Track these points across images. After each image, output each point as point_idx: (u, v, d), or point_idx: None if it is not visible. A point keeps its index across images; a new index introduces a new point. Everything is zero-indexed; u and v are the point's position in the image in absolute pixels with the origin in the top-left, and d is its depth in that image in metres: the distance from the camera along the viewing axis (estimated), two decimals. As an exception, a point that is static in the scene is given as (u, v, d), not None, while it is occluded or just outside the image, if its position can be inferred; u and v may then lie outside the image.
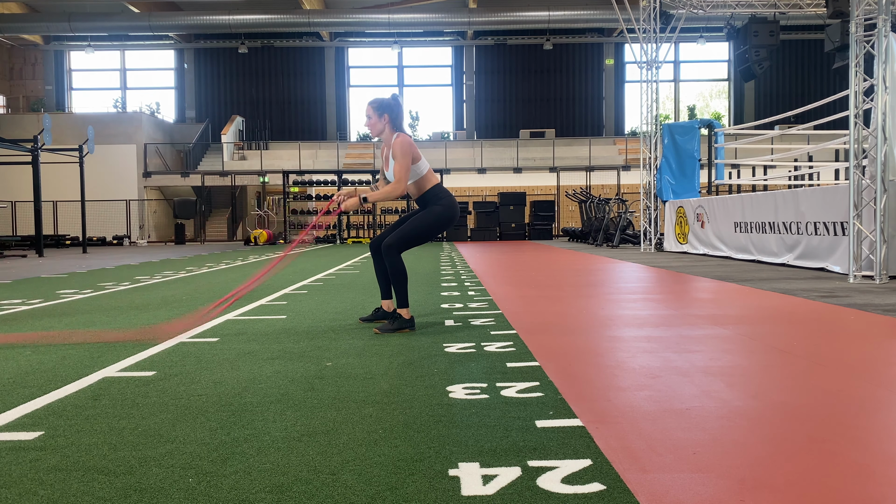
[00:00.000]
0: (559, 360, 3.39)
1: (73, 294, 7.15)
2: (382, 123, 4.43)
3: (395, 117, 4.44)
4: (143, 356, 3.67)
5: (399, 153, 4.31)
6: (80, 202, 19.37)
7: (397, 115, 4.45)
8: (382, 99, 4.48)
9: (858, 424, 2.31)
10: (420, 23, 29.63)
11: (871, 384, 2.86)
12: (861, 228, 7.36)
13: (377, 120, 4.43)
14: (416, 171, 4.45)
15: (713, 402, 2.60)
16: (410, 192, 4.58)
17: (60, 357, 3.68)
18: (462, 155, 29.99)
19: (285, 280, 8.45)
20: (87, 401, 2.76)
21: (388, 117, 4.42)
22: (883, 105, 7.32)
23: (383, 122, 4.43)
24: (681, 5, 17.33)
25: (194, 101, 33.81)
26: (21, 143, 17.66)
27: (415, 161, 4.41)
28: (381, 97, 4.51)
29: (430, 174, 4.53)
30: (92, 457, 2.08)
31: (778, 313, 4.98)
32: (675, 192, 14.46)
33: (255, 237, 23.72)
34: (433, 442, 2.18)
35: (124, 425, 2.41)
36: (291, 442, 2.20)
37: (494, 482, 1.84)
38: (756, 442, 2.14)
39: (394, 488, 1.80)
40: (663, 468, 1.92)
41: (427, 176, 4.50)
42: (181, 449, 2.14)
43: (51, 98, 33.43)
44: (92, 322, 5.01)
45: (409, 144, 4.34)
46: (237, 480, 1.87)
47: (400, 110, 4.48)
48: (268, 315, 5.27)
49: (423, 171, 4.48)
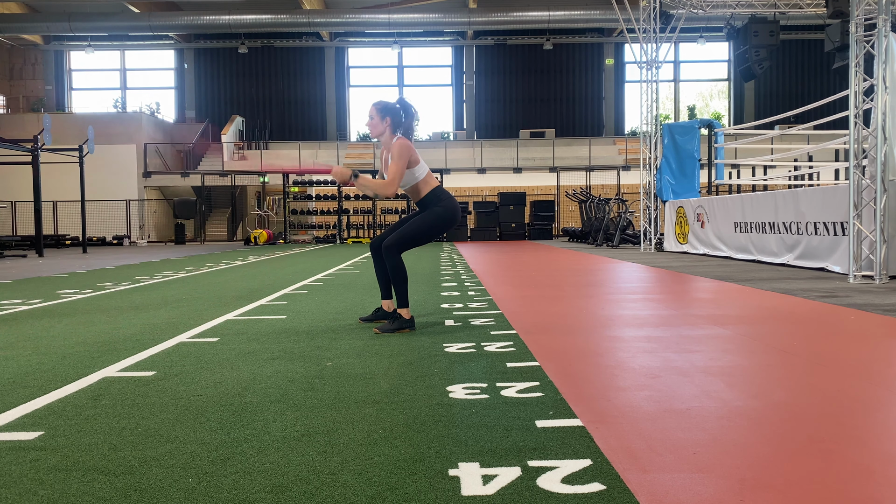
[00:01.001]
0: (559, 360, 3.39)
1: (74, 294, 7.14)
2: (383, 126, 4.44)
3: (397, 121, 4.45)
4: (144, 356, 3.67)
5: (396, 154, 4.33)
6: (80, 202, 19.38)
7: (399, 120, 4.46)
8: (387, 102, 4.50)
9: (859, 424, 2.31)
10: (420, 23, 29.63)
11: (872, 384, 2.86)
12: (861, 228, 7.36)
13: (379, 121, 4.43)
14: (413, 175, 4.44)
15: (713, 402, 2.60)
16: (410, 196, 4.58)
17: (60, 357, 3.68)
18: (462, 155, 30.00)
19: (285, 280, 8.45)
20: (87, 401, 2.76)
21: (390, 120, 4.43)
22: (883, 105, 7.32)
23: (384, 124, 4.43)
24: (681, 5, 17.33)
25: (194, 101, 33.81)
26: (21, 143, 17.67)
27: (412, 164, 4.42)
28: (386, 100, 4.51)
29: (429, 177, 4.52)
30: (92, 457, 2.08)
31: (778, 313, 4.98)
32: (675, 191, 14.46)
33: (255, 237, 23.72)
34: (433, 442, 2.18)
35: (124, 425, 2.41)
36: (291, 442, 2.20)
37: (494, 482, 1.84)
38: (756, 442, 2.14)
39: (394, 488, 1.80)
40: (663, 468, 1.92)
41: (426, 179, 4.51)
42: (181, 449, 2.14)
43: (51, 98, 33.44)
44: (92, 322, 5.01)
45: (406, 147, 4.36)
46: (237, 480, 1.87)
47: (402, 116, 4.48)
48: (268, 315, 5.27)
49: (422, 175, 4.47)
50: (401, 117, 4.47)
